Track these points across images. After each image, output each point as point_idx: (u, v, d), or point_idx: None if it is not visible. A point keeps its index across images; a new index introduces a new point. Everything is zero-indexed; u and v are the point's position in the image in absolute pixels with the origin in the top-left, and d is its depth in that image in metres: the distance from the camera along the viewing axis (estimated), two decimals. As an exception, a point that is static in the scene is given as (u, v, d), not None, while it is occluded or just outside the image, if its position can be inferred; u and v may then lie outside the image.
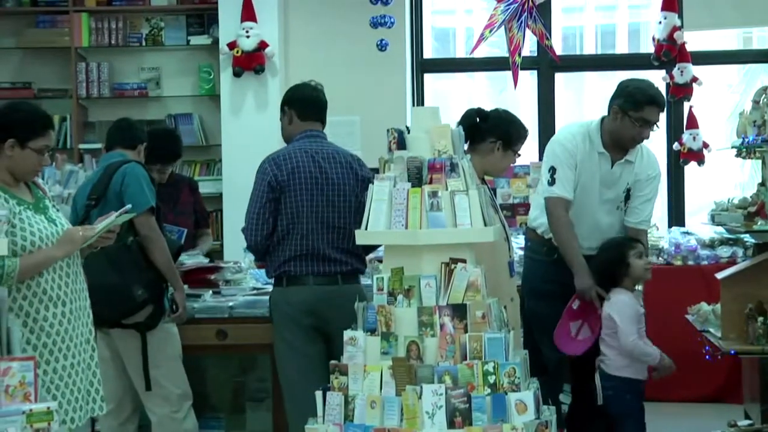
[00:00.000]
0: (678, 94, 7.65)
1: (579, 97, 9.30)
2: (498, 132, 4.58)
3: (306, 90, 4.71)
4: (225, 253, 7.29)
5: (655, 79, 6.73)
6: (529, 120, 6.97)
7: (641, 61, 7.97)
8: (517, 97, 8.13)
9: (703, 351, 4.91)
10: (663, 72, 7.69)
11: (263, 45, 7.55)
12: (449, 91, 9.13)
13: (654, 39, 7.72)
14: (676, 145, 7.73)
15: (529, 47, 7.80)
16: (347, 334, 3.74)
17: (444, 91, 9.00)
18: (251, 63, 7.54)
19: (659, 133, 6.09)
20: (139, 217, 4.50)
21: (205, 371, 5.48)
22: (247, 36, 7.51)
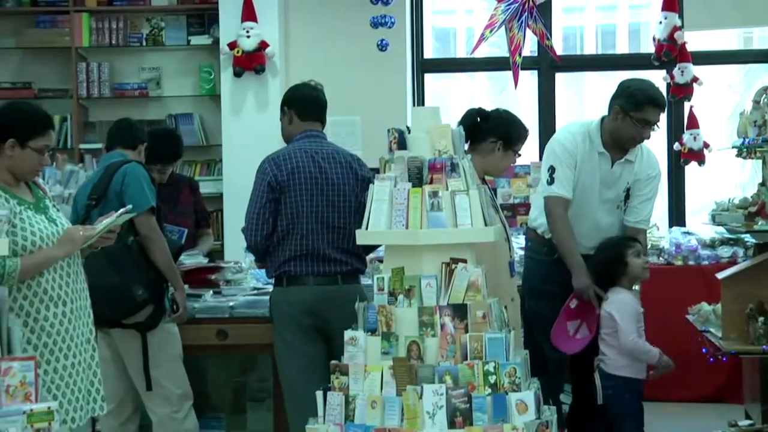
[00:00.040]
0: (678, 94, 7.64)
1: (579, 97, 9.28)
2: (498, 132, 4.58)
3: (306, 90, 4.71)
4: (225, 253, 7.28)
5: (656, 79, 6.74)
6: (530, 120, 6.96)
7: (642, 61, 7.96)
8: (518, 97, 8.12)
9: (702, 352, 4.90)
10: (663, 72, 7.68)
11: (264, 45, 7.54)
12: (450, 91, 9.11)
13: (654, 39, 7.71)
14: (676, 145, 7.72)
15: (530, 47, 7.79)
16: (348, 334, 3.74)
17: (444, 91, 8.98)
18: (252, 63, 7.53)
19: (660, 133, 6.10)
20: (140, 217, 4.50)
21: (206, 371, 5.47)
22: (248, 36, 7.51)
